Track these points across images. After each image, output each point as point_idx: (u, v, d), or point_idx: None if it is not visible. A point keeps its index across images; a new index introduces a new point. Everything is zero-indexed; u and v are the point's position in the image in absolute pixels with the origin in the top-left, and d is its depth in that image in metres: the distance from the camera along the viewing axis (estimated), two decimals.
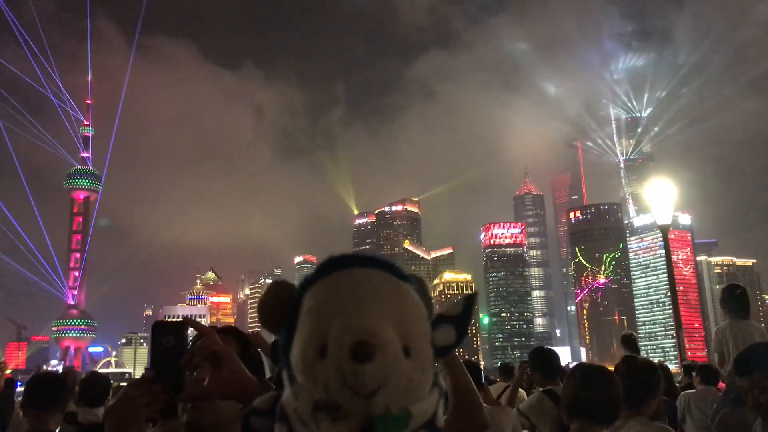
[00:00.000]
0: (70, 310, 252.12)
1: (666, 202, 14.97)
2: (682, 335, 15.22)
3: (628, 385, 4.04)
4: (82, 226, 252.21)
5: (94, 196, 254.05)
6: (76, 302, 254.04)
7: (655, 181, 15.45)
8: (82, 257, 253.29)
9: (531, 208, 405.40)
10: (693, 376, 11.47)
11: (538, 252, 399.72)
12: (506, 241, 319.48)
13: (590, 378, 3.83)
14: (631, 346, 12.57)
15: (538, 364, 7.41)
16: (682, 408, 9.07)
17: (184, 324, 1.96)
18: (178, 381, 1.90)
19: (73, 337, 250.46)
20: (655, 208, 15.04)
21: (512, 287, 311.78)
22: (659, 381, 4.40)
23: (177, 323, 1.96)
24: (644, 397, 4.13)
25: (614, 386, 3.83)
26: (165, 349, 1.90)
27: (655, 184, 15.31)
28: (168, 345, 1.90)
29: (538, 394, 6.90)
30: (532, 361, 7.56)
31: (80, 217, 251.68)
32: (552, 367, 7.32)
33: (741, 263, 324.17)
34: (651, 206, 14.96)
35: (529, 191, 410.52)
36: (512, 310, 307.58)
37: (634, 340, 12.95)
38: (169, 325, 1.95)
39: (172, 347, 1.90)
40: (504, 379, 12.07)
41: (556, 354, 7.69)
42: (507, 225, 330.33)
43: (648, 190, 15.05)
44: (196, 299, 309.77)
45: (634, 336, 13.07)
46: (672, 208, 14.99)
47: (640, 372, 4.31)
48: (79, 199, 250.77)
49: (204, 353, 1.90)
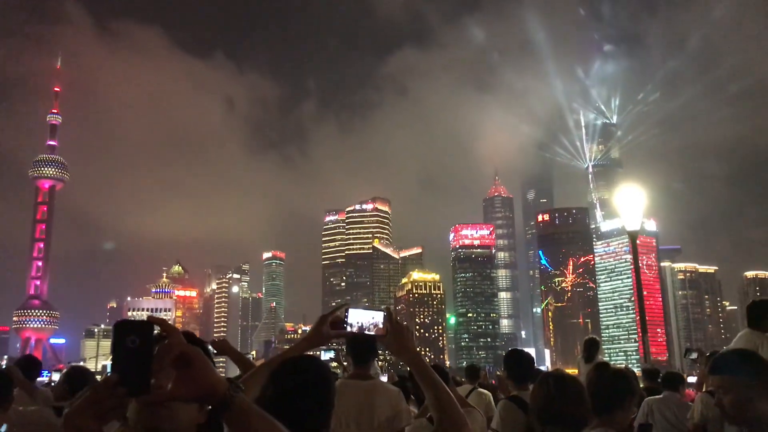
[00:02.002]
0: (32, 301, 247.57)
1: (635, 208, 15.12)
2: (647, 340, 15.38)
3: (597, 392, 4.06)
4: (47, 216, 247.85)
5: (60, 185, 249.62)
6: (39, 292, 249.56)
7: (625, 187, 15.58)
8: (46, 247, 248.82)
9: (500, 210, 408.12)
10: (652, 381, 11.60)
11: (506, 254, 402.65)
12: (475, 242, 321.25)
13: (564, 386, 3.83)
14: (593, 350, 12.65)
15: (513, 369, 7.14)
16: (644, 414, 9.12)
17: (149, 323, 1.84)
18: (143, 384, 1.81)
19: (34, 328, 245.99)
20: (625, 214, 15.17)
21: (479, 288, 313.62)
22: (632, 391, 4.33)
23: (142, 323, 1.84)
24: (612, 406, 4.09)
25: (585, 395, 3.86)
26: (129, 351, 1.80)
27: (625, 190, 15.44)
28: (132, 346, 1.79)
29: (504, 402, 6.69)
30: (507, 364, 7.27)
31: (45, 206, 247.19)
32: (527, 373, 7.03)
33: (703, 270, 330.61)
34: (620, 212, 15.10)
35: (499, 193, 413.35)
36: (479, 311, 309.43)
37: (597, 343, 13.04)
38: (134, 324, 1.83)
39: (136, 348, 1.79)
40: (470, 381, 12.04)
41: (532, 358, 7.43)
42: (476, 226, 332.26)
43: (618, 195, 15.17)
44: (161, 293, 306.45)
45: (597, 340, 13.15)
46: (641, 215, 15.14)
47: (612, 381, 4.24)
48: (44, 188, 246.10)
49: (174, 354, 1.81)
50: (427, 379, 2.89)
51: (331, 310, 3.04)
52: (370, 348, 5.89)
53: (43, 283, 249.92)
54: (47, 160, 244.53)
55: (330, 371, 2.86)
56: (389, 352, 3.05)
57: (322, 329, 3.09)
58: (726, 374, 3.31)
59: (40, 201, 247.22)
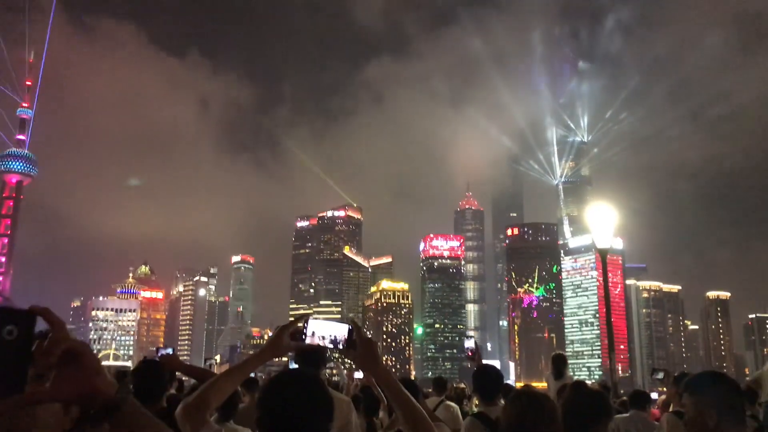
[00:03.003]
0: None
1: (606, 226, 15.25)
2: (614, 357, 15.48)
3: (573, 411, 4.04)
4: (12, 211, 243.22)
5: (27, 180, 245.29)
6: (0, 289, 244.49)
7: (597, 205, 15.71)
8: (10, 243, 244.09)
9: (471, 223, 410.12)
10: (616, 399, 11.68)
11: (475, 266, 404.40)
12: (445, 253, 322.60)
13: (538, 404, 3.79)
14: (561, 366, 12.73)
15: (482, 386, 6.97)
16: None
17: (31, 313, 1.64)
18: (18, 381, 1.59)
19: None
20: (596, 232, 15.29)
21: (448, 299, 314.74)
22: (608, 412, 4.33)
23: (22, 312, 1.63)
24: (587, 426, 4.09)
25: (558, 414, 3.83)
26: (6, 343, 1.58)
27: (597, 208, 15.57)
28: (9, 338, 1.58)
29: (471, 419, 6.56)
30: (477, 382, 7.06)
31: (11, 201, 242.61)
32: (495, 389, 6.91)
33: (667, 289, 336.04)
34: (591, 229, 15.21)
35: (470, 206, 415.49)
36: (446, 322, 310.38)
37: (565, 359, 13.12)
38: (13, 314, 1.62)
39: (14, 340, 1.59)
40: (438, 394, 12.04)
41: (501, 374, 7.29)
42: (446, 237, 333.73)
43: (589, 213, 15.29)
44: (127, 293, 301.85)
45: (564, 356, 13.23)
46: (612, 233, 15.28)
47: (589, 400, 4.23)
48: (11, 182, 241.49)
49: (59, 349, 1.62)
50: (396, 394, 2.88)
51: (291, 321, 3.00)
52: (319, 358, 5.87)
53: (5, 280, 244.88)
54: (15, 154, 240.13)
55: (325, 384, 2.83)
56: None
57: (281, 340, 3.07)
58: (699, 395, 3.37)
59: (6, 196, 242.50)
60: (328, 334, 2.96)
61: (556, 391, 10.01)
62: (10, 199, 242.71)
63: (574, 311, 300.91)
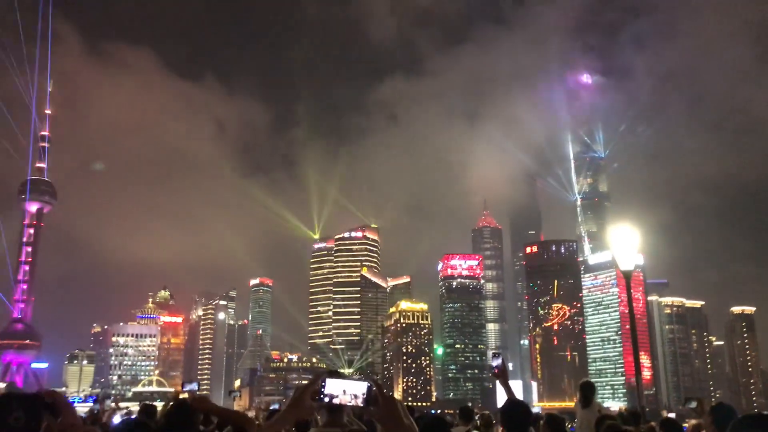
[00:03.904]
0: (15, 324, 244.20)
1: (629, 247, 15.02)
2: (641, 381, 15.17)
3: None
4: (33, 238, 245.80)
5: (48, 207, 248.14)
6: (22, 316, 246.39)
7: (619, 226, 15.50)
8: (32, 270, 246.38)
9: (489, 241, 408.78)
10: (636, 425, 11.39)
11: (494, 285, 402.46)
12: (463, 272, 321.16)
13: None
14: (590, 394, 12.48)
15: (510, 422, 6.86)
16: None
17: (38, 398, 1.60)
18: None
19: (16, 351, 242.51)
20: (618, 253, 15.06)
21: (467, 319, 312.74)
22: None
23: (28, 397, 1.59)
24: None
25: None
26: (13, 431, 1.57)
27: (618, 229, 15.36)
28: (17, 425, 1.57)
29: None
30: (504, 418, 6.95)
31: (32, 228, 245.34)
32: (524, 424, 6.83)
33: (690, 305, 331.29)
34: (614, 251, 14.99)
35: (488, 224, 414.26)
36: (467, 342, 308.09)
37: (593, 387, 12.85)
38: (21, 399, 1.61)
39: (21, 427, 1.58)
40: (464, 423, 11.85)
41: (529, 409, 7.15)
42: (465, 257, 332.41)
43: (611, 234, 15.07)
44: (147, 318, 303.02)
45: (592, 384, 12.97)
46: (635, 254, 15.03)
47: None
48: (31, 210, 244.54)
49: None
50: None
51: (309, 381, 2.98)
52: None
53: (27, 307, 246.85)
54: (35, 182, 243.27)
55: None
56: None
57: (303, 402, 3.08)
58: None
59: (27, 223, 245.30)
60: (346, 391, 2.96)
61: (589, 421, 9.77)
62: (30, 227, 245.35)
63: (596, 329, 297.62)
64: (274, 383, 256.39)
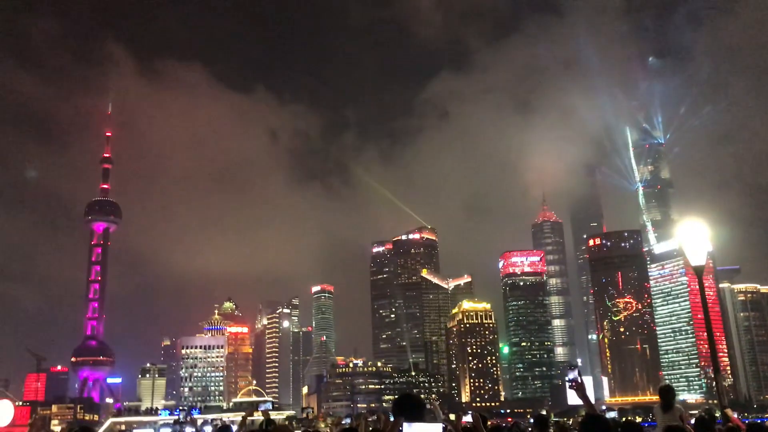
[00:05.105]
0: (89, 341, 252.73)
1: (699, 241, 14.38)
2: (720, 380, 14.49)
3: None
4: (101, 257, 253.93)
5: (113, 227, 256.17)
6: (95, 333, 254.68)
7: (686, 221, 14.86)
8: (102, 288, 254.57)
9: (550, 236, 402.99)
10: None
11: (558, 280, 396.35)
12: (525, 269, 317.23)
13: None
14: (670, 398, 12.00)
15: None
16: None
17: None
18: None
19: (92, 368, 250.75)
20: (688, 249, 14.43)
21: (532, 316, 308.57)
22: None
23: None
24: None
25: None
26: None
27: (686, 224, 14.73)
28: None
29: None
30: None
31: (99, 248, 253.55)
32: None
33: (765, 290, 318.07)
34: (684, 247, 14.36)
35: (548, 219, 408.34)
36: (532, 339, 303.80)
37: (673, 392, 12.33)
38: None
39: None
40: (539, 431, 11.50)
41: (609, 426, 6.86)
42: (526, 253, 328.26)
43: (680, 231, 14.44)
44: (213, 330, 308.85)
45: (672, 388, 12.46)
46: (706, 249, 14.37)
47: None
48: (98, 230, 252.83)
49: None
50: None
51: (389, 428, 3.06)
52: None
53: (99, 324, 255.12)
54: (101, 203, 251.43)
55: None
56: None
57: None
58: None
59: (95, 243, 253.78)
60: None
61: None
62: (98, 246, 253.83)
63: (666, 320, 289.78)
64: (340, 389, 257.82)
